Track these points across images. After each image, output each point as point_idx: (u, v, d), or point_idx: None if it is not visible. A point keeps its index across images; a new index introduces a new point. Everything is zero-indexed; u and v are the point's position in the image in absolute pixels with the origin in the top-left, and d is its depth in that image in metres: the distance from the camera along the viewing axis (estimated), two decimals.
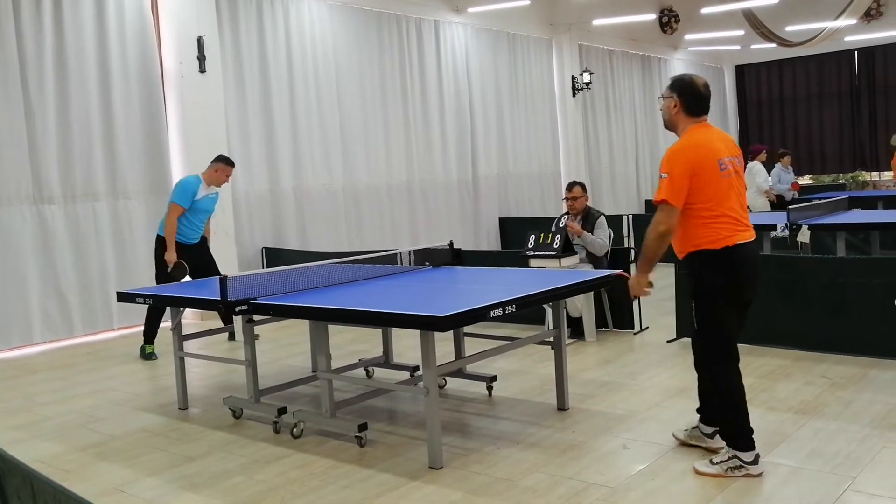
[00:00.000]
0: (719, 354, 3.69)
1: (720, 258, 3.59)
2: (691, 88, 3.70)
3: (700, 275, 3.66)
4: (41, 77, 7.80)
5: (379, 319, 4.23)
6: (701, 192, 3.55)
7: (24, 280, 7.63)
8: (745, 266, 3.64)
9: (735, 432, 3.66)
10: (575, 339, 6.57)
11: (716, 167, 3.58)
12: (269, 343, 7.10)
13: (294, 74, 10.03)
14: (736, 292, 3.65)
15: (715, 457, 3.70)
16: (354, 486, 3.77)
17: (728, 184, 3.62)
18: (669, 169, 3.56)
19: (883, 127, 17.92)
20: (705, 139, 3.64)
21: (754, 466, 3.60)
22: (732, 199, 3.64)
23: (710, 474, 3.63)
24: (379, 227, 11.06)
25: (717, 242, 3.58)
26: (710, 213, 3.58)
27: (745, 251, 3.62)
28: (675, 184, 3.53)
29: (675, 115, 3.72)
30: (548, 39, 14.33)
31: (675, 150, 3.61)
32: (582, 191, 6.96)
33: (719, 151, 3.63)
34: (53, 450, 4.60)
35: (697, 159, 3.55)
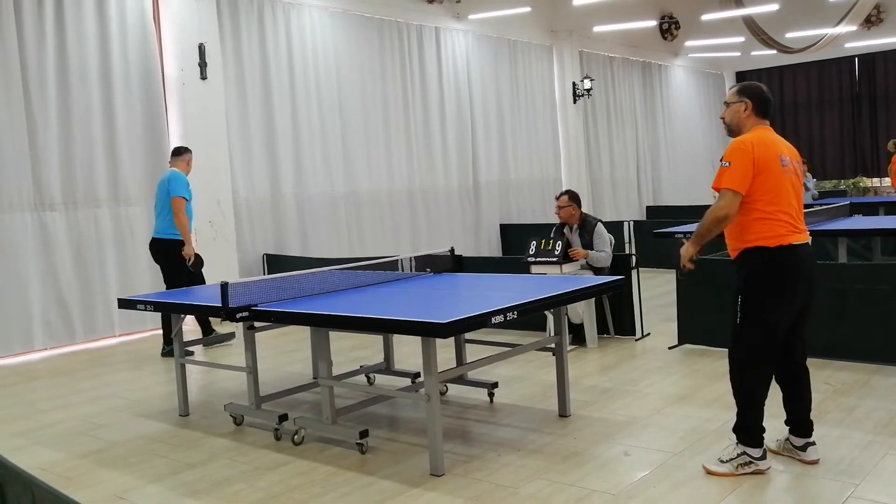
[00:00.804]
0: (754, 354, 3.67)
1: (774, 257, 3.60)
2: (762, 92, 3.82)
3: (751, 271, 3.66)
4: (43, 83, 7.82)
5: (380, 326, 4.22)
6: (761, 186, 3.58)
7: (25, 286, 7.64)
8: (798, 268, 3.63)
9: (749, 426, 3.68)
10: (576, 346, 6.56)
11: (778, 162, 3.64)
12: (270, 349, 7.09)
13: (295, 81, 10.05)
14: (786, 293, 3.63)
15: (723, 454, 3.71)
16: (355, 494, 3.76)
17: (789, 182, 3.66)
18: (732, 158, 3.61)
19: (884, 133, 17.93)
20: (769, 137, 3.72)
21: (763, 462, 3.65)
22: (792, 197, 3.67)
23: (722, 473, 3.66)
24: (380, 233, 11.06)
25: (772, 240, 3.59)
26: (768, 209, 3.59)
27: (799, 252, 3.63)
28: (738, 171, 3.57)
29: (746, 118, 3.77)
30: (548, 46, 14.36)
31: (740, 141, 3.67)
32: (568, 200, 6.86)
33: (781, 150, 3.70)
34: (54, 457, 4.59)
35: (761, 152, 3.60)
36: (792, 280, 3.62)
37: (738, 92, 3.83)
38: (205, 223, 8.84)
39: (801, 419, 3.82)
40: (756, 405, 3.69)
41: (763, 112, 3.77)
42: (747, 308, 3.66)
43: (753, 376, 3.69)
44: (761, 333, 3.64)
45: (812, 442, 3.81)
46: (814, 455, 3.78)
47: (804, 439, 3.81)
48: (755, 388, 3.69)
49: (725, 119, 3.85)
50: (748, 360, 3.69)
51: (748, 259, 3.67)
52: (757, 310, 3.63)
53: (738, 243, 3.70)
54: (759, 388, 3.70)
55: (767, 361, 3.69)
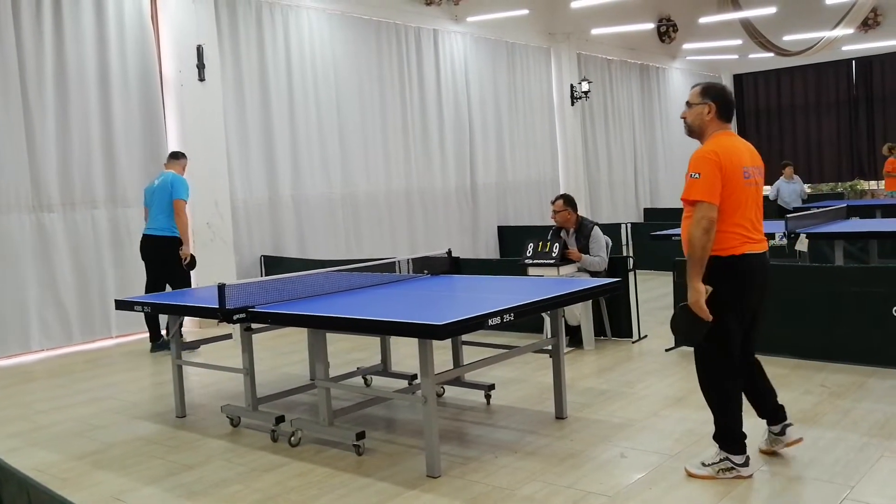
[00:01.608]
0: (720, 361, 3.71)
1: (726, 266, 3.62)
2: (724, 95, 3.77)
3: (707, 282, 3.66)
4: (41, 84, 7.82)
5: (377, 328, 4.23)
6: (723, 196, 3.57)
7: (22, 287, 7.63)
8: (750, 276, 3.66)
9: (728, 435, 3.70)
10: (573, 348, 6.56)
11: (741, 175, 3.62)
12: (267, 351, 7.09)
13: (293, 83, 10.05)
14: (739, 301, 3.67)
15: (706, 458, 3.74)
16: (352, 495, 3.76)
17: (748, 193, 3.65)
18: (700, 169, 3.56)
19: (880, 136, 17.97)
20: (733, 145, 3.68)
21: (745, 468, 3.66)
22: (750, 208, 3.67)
23: (702, 476, 3.68)
24: (378, 235, 11.07)
25: (725, 251, 3.61)
26: (727, 222, 3.59)
27: (752, 262, 3.65)
28: (708, 182, 3.53)
29: (710, 121, 3.73)
30: (546, 48, 14.37)
31: (706, 151, 3.62)
32: (563, 205, 6.85)
33: (744, 160, 3.68)
34: (50, 458, 4.58)
35: (727, 163, 3.57)
36: (742, 289, 3.65)
37: (701, 93, 3.75)
38: (202, 225, 8.84)
39: (771, 408, 3.90)
40: (730, 412, 3.70)
41: (727, 116, 3.75)
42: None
43: (721, 384, 3.72)
44: (720, 342, 3.67)
45: (789, 423, 3.90)
46: (794, 435, 3.87)
47: (781, 423, 3.89)
48: (726, 396, 3.71)
49: (687, 119, 3.80)
50: (713, 369, 3.72)
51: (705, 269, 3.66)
52: (718, 322, 3.61)
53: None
54: (729, 395, 3.71)
55: (731, 368, 3.71)
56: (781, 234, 7.66)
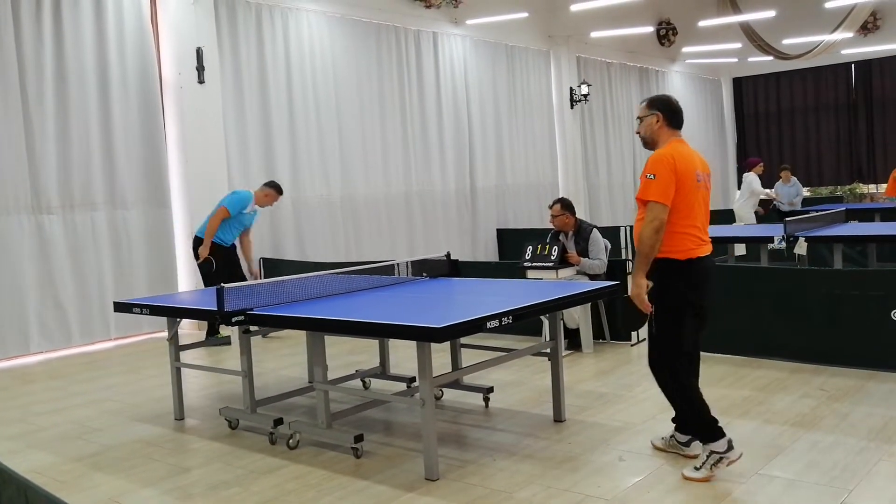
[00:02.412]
0: (675, 361, 3.85)
1: (684, 269, 3.77)
2: (671, 104, 3.97)
3: (665, 284, 3.82)
4: (40, 87, 7.82)
5: (376, 330, 4.23)
6: (678, 200, 3.72)
7: (21, 289, 7.63)
8: (703, 277, 3.84)
9: (703, 426, 3.79)
10: (572, 351, 6.56)
11: (694, 177, 3.79)
12: (265, 353, 7.09)
13: (293, 86, 10.06)
14: (691, 301, 3.81)
15: (696, 461, 3.80)
16: (350, 498, 3.76)
17: (700, 197, 3.83)
18: (656, 170, 3.72)
19: (880, 139, 17.99)
20: (686, 151, 3.86)
21: (732, 452, 3.73)
22: (701, 212, 3.85)
23: (699, 479, 3.72)
24: (377, 238, 11.07)
25: (681, 253, 3.77)
26: (682, 223, 3.76)
27: (704, 264, 3.84)
28: (662, 183, 3.70)
29: (659, 130, 3.92)
30: (546, 51, 14.39)
31: (662, 154, 3.79)
32: (561, 209, 6.85)
33: (696, 165, 3.85)
34: (49, 460, 4.58)
35: (681, 166, 3.75)
36: (695, 289, 3.81)
37: (647, 105, 3.96)
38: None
39: (687, 418, 3.98)
40: (695, 403, 3.83)
41: (675, 123, 3.92)
42: (661, 317, 3.82)
43: (680, 379, 3.85)
44: (676, 340, 3.82)
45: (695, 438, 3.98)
46: (697, 450, 3.92)
47: (687, 436, 4.00)
48: (686, 389, 3.84)
49: (640, 133, 3.99)
50: (670, 365, 3.86)
51: (660, 270, 3.79)
52: (671, 318, 3.80)
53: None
54: (688, 387, 3.85)
55: (685, 362, 3.87)
56: (780, 237, 7.66)
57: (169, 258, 8.79)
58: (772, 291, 5.86)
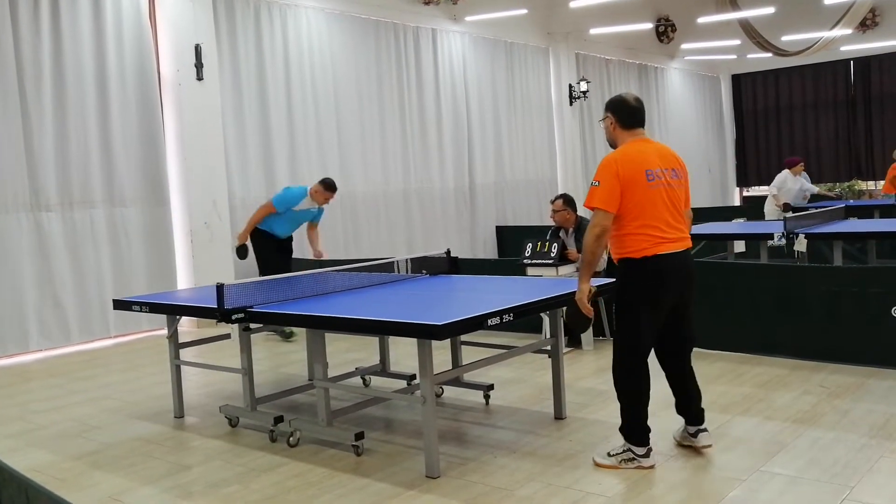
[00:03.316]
0: (630, 359, 3.86)
1: (639, 267, 3.79)
2: (622, 104, 3.96)
3: (622, 283, 3.88)
4: (39, 84, 7.80)
5: (376, 328, 4.22)
6: (626, 202, 3.73)
7: (20, 287, 7.62)
8: (664, 275, 3.79)
9: (631, 427, 3.87)
10: (572, 348, 6.56)
11: (642, 178, 3.75)
12: (265, 351, 7.08)
13: (291, 82, 10.04)
14: (651, 300, 3.81)
15: (612, 449, 3.91)
16: (351, 496, 3.76)
17: (656, 194, 3.77)
18: (600, 177, 3.77)
19: (878, 136, 17.98)
20: (636, 151, 3.83)
21: (646, 459, 3.84)
22: (660, 210, 3.78)
23: (606, 466, 3.87)
24: (376, 235, 11.06)
25: (636, 253, 3.79)
26: (633, 225, 3.76)
27: (666, 261, 3.78)
28: (605, 190, 3.72)
29: (614, 132, 3.95)
30: (545, 48, 14.37)
31: (606, 161, 3.82)
32: (563, 204, 6.85)
33: (650, 163, 3.80)
34: (48, 458, 4.57)
35: (625, 169, 3.74)
36: (656, 288, 3.80)
37: (605, 108, 4.00)
38: (200, 224, 8.83)
39: (691, 410, 4.04)
40: (634, 405, 3.87)
41: (629, 123, 3.91)
42: (619, 315, 3.89)
43: (629, 378, 3.88)
44: (631, 338, 3.84)
45: (703, 428, 4.03)
46: (705, 440, 4.00)
47: (696, 426, 4.03)
48: (632, 389, 3.88)
49: (606, 135, 4.03)
50: (623, 363, 3.89)
51: (620, 269, 3.88)
52: (627, 316, 3.85)
53: (615, 253, 3.92)
54: (635, 389, 3.87)
55: (639, 364, 3.86)
56: (780, 234, 7.66)
57: (168, 256, 8.77)
58: (772, 288, 5.86)
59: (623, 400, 3.92)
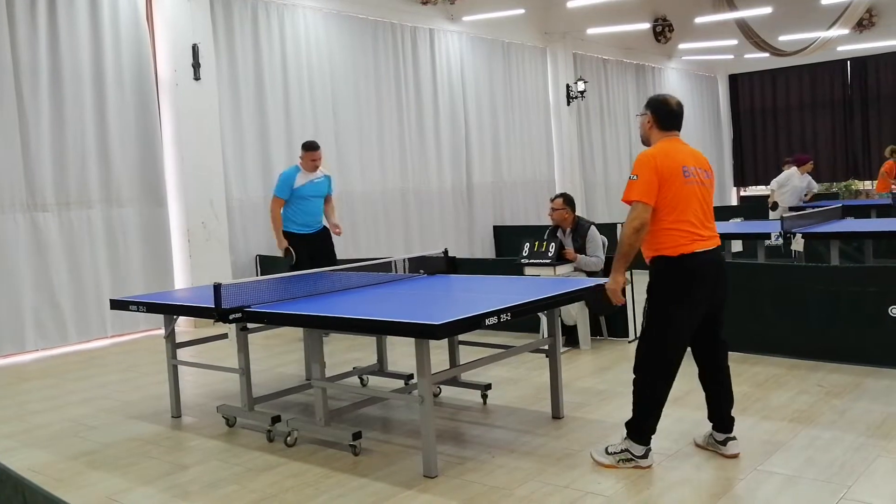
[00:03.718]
0: (656, 357, 3.82)
1: (675, 265, 3.77)
2: (664, 105, 3.97)
3: (656, 279, 3.85)
4: (35, 83, 7.79)
5: (374, 327, 4.22)
6: (664, 197, 3.74)
7: (17, 287, 7.60)
8: (700, 273, 3.79)
9: (638, 426, 3.84)
10: (570, 348, 6.56)
11: (679, 173, 3.78)
12: (262, 351, 7.08)
13: (289, 82, 10.03)
14: (686, 299, 3.78)
15: (610, 447, 3.89)
16: (349, 495, 3.75)
17: (691, 191, 3.80)
18: (638, 171, 3.78)
19: (875, 136, 18.00)
20: (672, 148, 3.86)
21: (643, 460, 3.82)
22: (695, 206, 3.81)
23: (604, 464, 3.86)
24: (373, 234, 11.05)
25: (672, 249, 3.77)
26: (669, 219, 3.76)
27: (701, 259, 3.78)
28: (645, 183, 3.74)
29: (650, 130, 3.98)
30: (542, 48, 14.37)
31: (644, 155, 3.84)
32: (563, 203, 6.85)
33: (685, 160, 3.83)
34: (45, 458, 4.57)
35: (664, 164, 3.76)
36: (691, 286, 3.78)
37: (645, 105, 4.02)
38: (197, 224, 8.82)
39: (722, 417, 4.00)
40: (651, 406, 3.83)
41: (666, 125, 3.93)
42: (652, 313, 3.85)
43: (652, 378, 3.83)
44: (664, 338, 3.81)
45: (732, 437, 3.98)
46: (734, 449, 3.94)
47: (725, 434, 3.99)
48: (653, 390, 3.82)
49: (640, 130, 4.06)
50: (650, 362, 3.84)
51: (654, 267, 3.85)
52: (660, 315, 3.82)
53: (649, 251, 3.88)
54: (657, 390, 3.82)
55: (668, 365, 3.83)
56: (777, 233, 7.67)
57: (165, 255, 8.76)
58: (769, 288, 5.86)
59: (639, 398, 3.85)
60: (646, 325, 3.89)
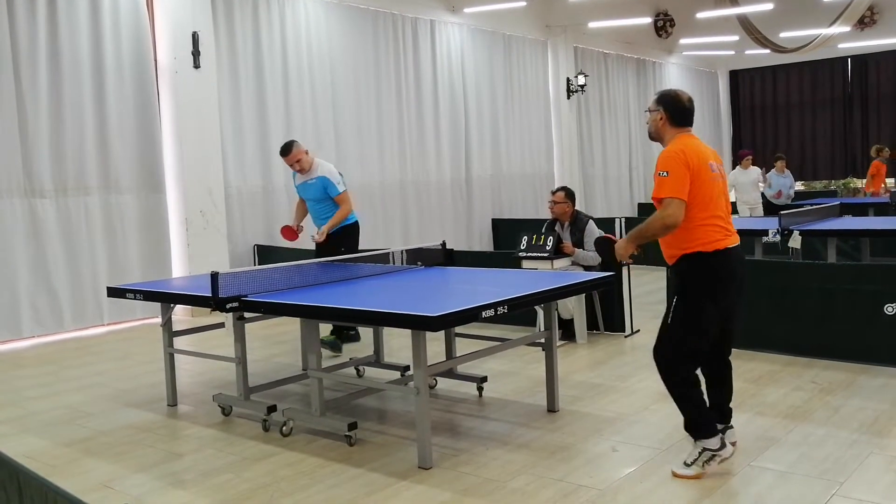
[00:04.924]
0: (685, 353, 3.73)
1: (712, 261, 3.68)
2: (677, 102, 3.86)
3: (690, 275, 3.72)
4: (34, 70, 7.76)
5: (370, 318, 4.22)
6: (696, 193, 3.64)
7: (13, 274, 7.59)
8: (730, 270, 3.75)
9: (699, 423, 3.73)
10: (566, 341, 6.57)
11: (707, 168, 3.71)
12: (259, 340, 7.08)
13: (289, 72, 10.01)
14: (718, 294, 3.72)
15: (687, 457, 3.72)
16: (343, 485, 3.76)
17: (717, 186, 3.76)
18: (668, 167, 3.62)
19: (874, 134, 18.01)
20: (694, 144, 3.78)
21: (725, 450, 3.71)
22: (721, 202, 3.78)
23: (690, 476, 3.66)
24: (371, 226, 11.02)
25: (709, 245, 3.68)
26: (702, 216, 3.67)
27: (731, 255, 3.74)
28: (678, 180, 3.60)
29: (662, 127, 3.86)
30: (543, 41, 14.34)
31: (672, 150, 3.70)
32: (564, 197, 6.86)
33: (707, 156, 3.78)
34: (40, 445, 4.57)
35: (693, 159, 3.66)
36: (723, 282, 3.73)
37: (656, 101, 3.90)
38: (195, 212, 8.81)
39: (722, 407, 3.99)
40: (695, 400, 3.75)
41: (679, 122, 3.83)
42: (683, 309, 3.72)
43: (684, 375, 3.73)
44: (694, 333, 3.71)
45: (730, 426, 3.98)
46: (731, 438, 3.93)
47: (723, 424, 3.95)
48: (688, 386, 3.74)
49: (649, 126, 3.94)
50: (678, 358, 3.73)
51: (688, 264, 3.72)
52: (693, 311, 3.70)
53: (677, 250, 3.76)
54: (691, 385, 3.75)
55: (696, 360, 3.78)
56: (775, 230, 7.68)
57: (163, 243, 8.76)
58: (765, 284, 5.87)
59: (679, 398, 3.73)
60: (672, 323, 3.73)
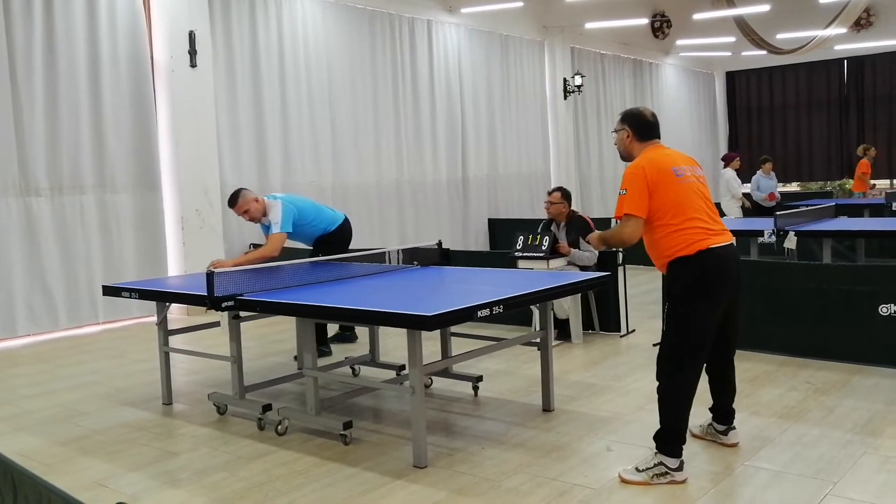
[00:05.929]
0: (680, 358, 3.70)
1: (694, 262, 3.69)
2: (640, 117, 3.95)
3: (678, 279, 3.73)
4: (30, 68, 7.75)
5: (366, 318, 4.22)
6: (662, 202, 3.68)
7: (8, 272, 7.58)
8: (719, 270, 3.72)
9: (671, 437, 3.68)
10: (561, 341, 6.58)
11: (671, 173, 3.73)
12: (254, 339, 7.08)
13: (285, 71, 10.00)
14: (709, 295, 3.70)
15: (640, 463, 3.69)
16: (338, 484, 3.76)
17: (689, 188, 3.75)
18: (627, 184, 3.73)
19: (870, 136, 18.05)
20: (657, 154, 3.82)
21: (679, 473, 3.63)
22: (699, 203, 3.75)
23: (636, 482, 3.63)
24: (367, 225, 11.04)
25: (690, 248, 3.68)
26: (675, 222, 3.69)
27: (719, 255, 3.71)
28: (635, 197, 3.69)
29: (630, 144, 3.94)
30: (540, 41, 14.35)
31: (633, 165, 3.80)
32: (560, 197, 6.88)
33: (674, 161, 3.80)
34: (35, 443, 4.57)
35: (652, 171, 3.71)
36: (714, 282, 3.70)
37: (620, 120, 3.99)
38: (191, 211, 8.80)
39: (725, 408, 4.04)
40: (679, 411, 3.69)
41: (645, 136, 3.90)
42: (675, 313, 3.72)
43: (678, 381, 3.70)
44: (688, 337, 3.69)
45: (733, 427, 4.04)
46: (734, 438, 4.01)
47: (725, 425, 4.03)
48: (680, 394, 3.70)
49: (618, 147, 4.01)
50: (675, 364, 3.70)
51: (675, 269, 3.73)
52: (684, 314, 3.69)
53: (663, 258, 3.79)
54: (684, 393, 3.70)
55: (693, 365, 3.71)
56: (770, 231, 7.70)
57: (158, 242, 8.75)
58: (761, 285, 5.88)
59: (666, 405, 3.71)
60: (667, 328, 3.74)
